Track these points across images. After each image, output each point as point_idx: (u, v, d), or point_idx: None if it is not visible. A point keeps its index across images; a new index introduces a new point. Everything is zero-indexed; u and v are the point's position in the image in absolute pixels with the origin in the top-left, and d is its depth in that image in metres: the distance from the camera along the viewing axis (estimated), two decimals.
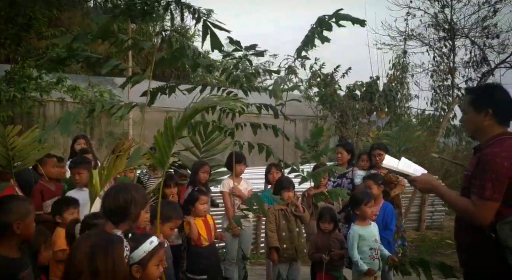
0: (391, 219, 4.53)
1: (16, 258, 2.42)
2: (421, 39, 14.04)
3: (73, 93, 10.18)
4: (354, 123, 12.39)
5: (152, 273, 2.18)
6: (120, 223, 2.41)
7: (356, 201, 4.09)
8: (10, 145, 3.54)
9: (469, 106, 2.51)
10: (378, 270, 4.04)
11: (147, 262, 2.16)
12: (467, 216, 2.40)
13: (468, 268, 2.49)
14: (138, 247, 2.17)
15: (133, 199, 2.42)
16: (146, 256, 2.16)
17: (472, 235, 2.40)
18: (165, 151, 2.75)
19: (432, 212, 9.13)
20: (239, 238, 5.09)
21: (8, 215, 2.42)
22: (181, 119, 2.73)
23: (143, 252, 2.16)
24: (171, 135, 2.71)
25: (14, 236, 2.42)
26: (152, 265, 2.18)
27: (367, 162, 5.28)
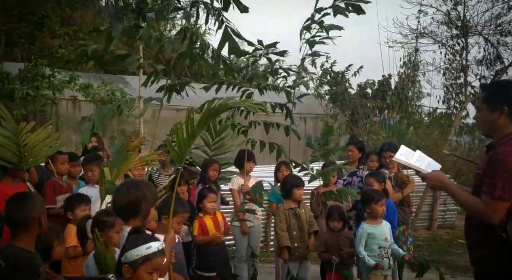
0: (394, 216, 4.53)
1: (35, 252, 2.48)
2: (433, 37, 13.90)
3: (85, 91, 10.29)
4: (365, 122, 12.31)
5: (142, 278, 2.09)
6: (131, 220, 2.43)
7: (367, 200, 4.07)
8: (23, 142, 3.59)
9: (483, 103, 2.47)
10: (388, 269, 4.01)
11: (138, 266, 2.08)
12: (477, 215, 2.38)
13: (479, 267, 2.47)
14: (134, 249, 2.10)
15: (144, 196, 2.44)
16: (138, 260, 2.08)
17: (483, 234, 2.38)
18: (185, 146, 2.74)
19: (444, 211, 9.04)
20: (248, 236, 5.11)
21: (36, 209, 2.51)
22: (202, 115, 2.71)
23: (136, 254, 2.08)
24: (191, 130, 2.70)
25: (36, 230, 2.49)
26: (143, 271, 2.08)
27: (376, 162, 5.23)
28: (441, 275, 3.40)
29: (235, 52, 3.36)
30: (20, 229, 2.49)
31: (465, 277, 5.70)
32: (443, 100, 14.03)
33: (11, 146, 3.55)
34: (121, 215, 2.49)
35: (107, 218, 2.90)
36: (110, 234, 2.87)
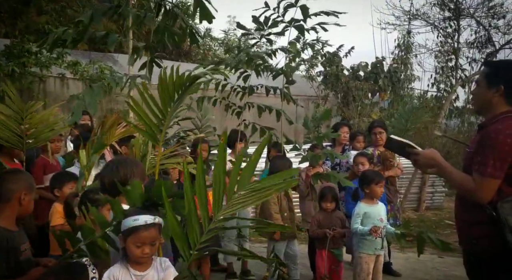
0: (383, 196, 4.57)
1: (15, 230, 2.43)
2: (425, 19, 13.82)
3: (73, 69, 10.08)
4: (357, 104, 12.31)
5: (130, 250, 2.13)
6: (120, 197, 2.40)
7: (367, 180, 4.09)
8: (26, 122, 3.50)
9: (483, 79, 2.47)
10: (381, 249, 4.05)
11: (126, 237, 2.13)
12: (468, 194, 2.38)
13: (469, 247, 2.49)
14: (125, 219, 2.14)
15: (133, 173, 2.41)
16: (127, 230, 2.12)
17: (474, 213, 2.39)
18: (154, 124, 2.65)
19: (432, 193, 9.17)
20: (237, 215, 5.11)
21: (16, 184, 2.44)
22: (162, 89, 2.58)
23: (125, 225, 2.13)
24: (157, 108, 2.61)
25: (16, 208, 2.43)
26: (130, 242, 2.12)
27: (363, 143, 5.28)
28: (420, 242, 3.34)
29: (206, 18, 3.39)
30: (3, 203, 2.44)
31: (452, 257, 5.80)
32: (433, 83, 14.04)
33: (12, 125, 3.47)
34: (110, 192, 2.45)
35: (98, 196, 2.86)
36: (103, 212, 2.83)
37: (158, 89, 2.57)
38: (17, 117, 3.47)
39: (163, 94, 2.57)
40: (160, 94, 2.58)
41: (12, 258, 2.32)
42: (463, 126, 13.07)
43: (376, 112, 12.86)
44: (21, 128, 3.49)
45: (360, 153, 4.80)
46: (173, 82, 2.51)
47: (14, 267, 2.32)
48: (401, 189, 8.73)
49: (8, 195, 2.43)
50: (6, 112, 3.44)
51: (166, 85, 2.52)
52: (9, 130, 3.48)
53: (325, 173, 4.60)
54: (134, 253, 2.13)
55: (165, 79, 2.50)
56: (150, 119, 2.63)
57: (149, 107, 2.61)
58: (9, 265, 2.31)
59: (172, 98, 2.58)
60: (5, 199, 2.43)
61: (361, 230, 3.95)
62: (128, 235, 2.11)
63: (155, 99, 2.63)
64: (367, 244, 3.99)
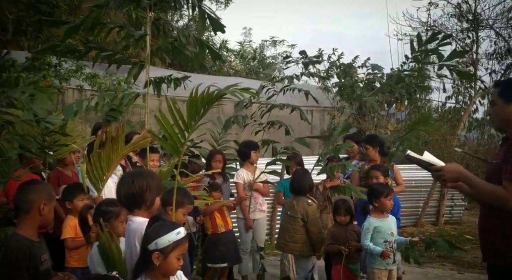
0: (398, 208, 4.56)
1: (37, 241, 2.46)
2: (443, 30, 13.70)
3: (91, 81, 10.26)
4: (373, 115, 12.21)
5: (172, 263, 2.12)
6: (135, 210, 2.40)
7: (376, 193, 4.02)
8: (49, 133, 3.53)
9: (499, 98, 2.50)
10: (393, 263, 3.97)
11: (169, 252, 2.09)
12: (499, 203, 2.34)
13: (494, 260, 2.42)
14: (164, 235, 2.10)
15: (148, 185, 2.41)
16: (169, 246, 2.09)
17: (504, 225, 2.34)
18: (177, 137, 2.68)
19: (452, 207, 8.97)
20: (253, 228, 5.07)
21: (36, 194, 2.47)
22: (190, 105, 2.63)
23: (167, 241, 2.09)
24: (182, 122, 2.64)
25: (36, 218, 2.45)
26: (173, 256, 2.11)
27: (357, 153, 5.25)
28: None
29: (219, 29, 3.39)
30: (20, 216, 2.48)
31: (472, 273, 5.65)
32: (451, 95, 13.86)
33: (37, 136, 3.50)
34: (126, 205, 2.45)
35: (112, 208, 2.87)
36: (115, 224, 2.84)
37: (187, 104, 2.63)
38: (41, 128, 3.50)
39: (191, 108, 2.63)
40: (188, 108, 2.64)
41: (32, 267, 2.35)
42: (483, 138, 12.83)
43: (392, 123, 12.72)
44: (45, 139, 3.52)
45: (374, 167, 4.73)
46: (202, 98, 2.56)
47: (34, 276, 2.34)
48: (419, 202, 8.58)
49: (28, 206, 2.45)
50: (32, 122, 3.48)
51: (196, 100, 2.57)
52: (34, 140, 3.52)
53: (341, 186, 4.55)
54: (175, 266, 2.13)
55: (196, 95, 2.55)
56: (174, 132, 2.66)
57: (174, 120, 2.63)
58: (29, 274, 2.33)
59: (198, 113, 2.63)
60: (26, 210, 2.46)
61: (373, 250, 3.89)
62: (173, 249, 2.10)
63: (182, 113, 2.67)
64: (378, 260, 3.92)
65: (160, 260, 2.09)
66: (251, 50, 19.84)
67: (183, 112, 2.72)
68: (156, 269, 2.11)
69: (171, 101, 2.66)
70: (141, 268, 2.13)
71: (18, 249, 2.33)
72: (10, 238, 2.46)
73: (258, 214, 5.11)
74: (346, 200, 4.35)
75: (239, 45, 19.81)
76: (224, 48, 18.91)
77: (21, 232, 2.43)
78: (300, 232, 4.26)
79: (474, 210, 9.17)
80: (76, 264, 3.47)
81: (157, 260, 2.09)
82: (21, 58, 9.50)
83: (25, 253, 2.33)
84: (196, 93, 2.59)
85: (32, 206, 2.44)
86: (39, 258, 2.40)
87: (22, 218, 2.46)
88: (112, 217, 2.86)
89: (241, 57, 19.45)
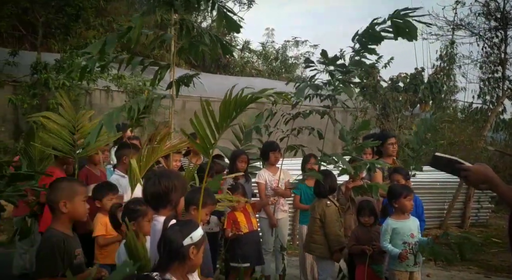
0: (422, 210, 4.48)
1: (71, 235, 2.56)
2: (470, 29, 13.41)
3: (118, 82, 10.47)
4: (397, 116, 12.04)
5: (200, 258, 2.18)
6: (161, 209, 2.46)
7: (395, 194, 3.99)
8: (77, 131, 3.63)
9: None
10: (414, 265, 3.92)
11: (201, 244, 2.18)
12: None
13: None
14: (196, 229, 2.17)
15: (174, 186, 2.45)
16: (201, 239, 2.17)
17: None
18: (208, 138, 2.73)
19: (478, 209, 8.79)
20: (276, 229, 5.10)
21: (56, 194, 2.56)
22: (224, 108, 2.68)
23: (199, 234, 2.16)
24: (214, 122, 2.69)
25: (61, 215, 2.54)
26: (202, 249, 2.19)
27: (370, 155, 5.13)
28: None
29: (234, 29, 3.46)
30: (53, 212, 2.59)
31: (500, 277, 5.53)
32: (478, 95, 13.54)
33: (65, 135, 3.61)
34: (152, 204, 2.52)
35: (139, 207, 2.94)
36: (142, 223, 2.91)
37: (220, 106, 2.68)
38: (69, 127, 3.61)
39: (224, 111, 2.68)
40: (221, 111, 2.69)
41: (67, 260, 2.45)
42: (511, 140, 12.49)
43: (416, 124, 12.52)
44: (73, 138, 3.63)
45: (395, 170, 4.67)
46: (236, 101, 2.60)
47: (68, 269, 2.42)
48: (445, 205, 8.43)
49: (51, 204, 2.57)
50: (60, 122, 3.60)
51: (229, 103, 2.62)
52: (62, 139, 3.63)
53: (366, 185, 4.49)
54: (200, 261, 2.21)
55: (230, 97, 2.60)
56: (205, 133, 2.71)
57: (206, 121, 2.68)
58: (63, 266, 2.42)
59: (230, 116, 2.68)
60: (51, 208, 2.58)
61: (391, 251, 3.86)
62: (203, 242, 2.19)
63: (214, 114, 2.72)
64: (398, 261, 3.88)
65: (194, 254, 2.14)
66: (273, 51, 19.83)
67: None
68: (187, 264, 2.15)
69: (205, 103, 2.70)
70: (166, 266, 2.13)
71: (54, 242, 2.44)
72: (47, 231, 2.57)
73: (280, 214, 5.13)
74: (370, 201, 4.32)
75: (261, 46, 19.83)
76: (247, 48, 18.97)
77: (55, 226, 2.54)
78: (318, 233, 4.26)
79: (501, 212, 8.96)
80: (105, 261, 3.56)
81: (192, 254, 2.14)
82: (51, 60, 9.81)
83: (60, 246, 2.43)
84: (230, 96, 2.62)
85: (54, 204, 2.54)
86: (73, 252, 2.51)
87: (53, 214, 2.58)
88: (139, 216, 2.92)
89: (264, 57, 19.46)
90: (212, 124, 2.70)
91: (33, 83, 9.16)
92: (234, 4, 17.21)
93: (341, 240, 4.21)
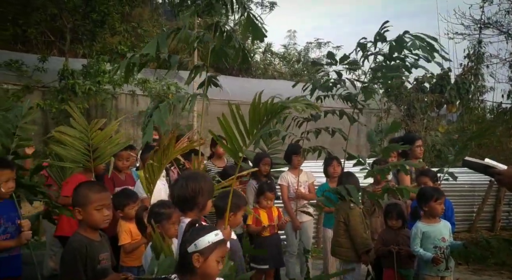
0: (452, 213, 4.40)
1: (96, 240, 2.55)
2: (498, 27, 13.05)
3: (143, 86, 10.65)
4: (422, 117, 11.82)
5: (212, 266, 2.06)
6: (188, 212, 2.47)
7: (425, 197, 3.90)
8: (91, 141, 3.68)
9: None
10: (445, 270, 3.83)
11: (209, 253, 2.05)
12: None
13: None
14: (204, 236, 2.06)
15: (201, 188, 2.46)
16: (209, 246, 2.05)
17: None
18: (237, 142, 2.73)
19: (508, 212, 8.54)
20: (300, 231, 5.07)
21: (74, 200, 2.57)
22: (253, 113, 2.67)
23: (207, 241, 2.05)
24: (244, 127, 2.70)
25: (83, 221, 2.54)
26: (213, 258, 2.06)
27: (395, 158, 5.03)
28: None
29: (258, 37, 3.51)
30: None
31: None
32: (507, 95, 13.16)
33: (79, 146, 3.67)
34: (179, 206, 2.53)
35: (164, 210, 2.96)
36: (167, 226, 2.92)
37: (249, 110, 2.69)
38: (82, 137, 3.65)
39: (254, 116, 2.69)
40: (250, 116, 2.70)
41: (90, 265, 2.46)
42: None
43: (443, 125, 12.27)
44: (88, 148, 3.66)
45: (422, 172, 4.57)
46: (266, 107, 2.62)
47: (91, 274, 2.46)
48: (474, 207, 8.22)
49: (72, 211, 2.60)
50: (71, 133, 3.64)
51: (259, 108, 2.64)
52: (76, 149, 3.67)
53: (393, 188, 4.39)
54: (215, 270, 2.07)
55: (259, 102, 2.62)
56: (235, 137, 2.71)
57: (236, 125, 2.70)
58: (86, 271, 2.45)
59: (260, 122, 2.70)
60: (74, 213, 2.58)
61: (423, 256, 3.77)
62: (213, 251, 2.05)
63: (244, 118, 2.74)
64: (429, 266, 3.79)
65: (200, 262, 2.04)
66: (295, 53, 19.80)
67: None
68: (196, 273, 2.05)
69: (235, 106, 2.71)
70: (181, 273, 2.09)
71: (75, 248, 2.46)
72: (73, 236, 2.58)
73: (304, 217, 5.10)
74: (398, 204, 4.24)
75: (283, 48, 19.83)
76: (269, 50, 19.00)
77: (81, 231, 2.55)
78: (343, 236, 4.20)
79: None
80: (132, 263, 3.60)
81: (197, 262, 2.04)
82: (78, 65, 10.06)
83: (82, 251, 2.44)
84: (259, 100, 2.62)
85: (73, 210, 2.56)
86: (97, 257, 2.51)
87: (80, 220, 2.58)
88: (164, 219, 2.94)
89: (286, 60, 19.46)
90: (241, 128, 2.70)
91: (61, 89, 9.40)
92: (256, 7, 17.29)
93: (367, 242, 4.13)
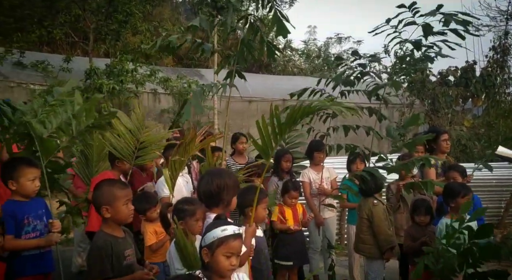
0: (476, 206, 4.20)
1: (120, 237, 2.60)
2: None
3: (164, 85, 10.78)
4: (447, 111, 11.58)
5: (219, 261, 2.07)
6: (213, 208, 2.50)
7: (452, 193, 3.81)
8: (141, 139, 3.74)
9: None
10: None
11: (215, 248, 2.07)
12: None
13: None
14: (210, 231, 2.12)
15: (226, 185, 2.49)
16: (214, 242, 2.08)
17: None
18: (271, 141, 2.75)
19: None
20: (323, 228, 5.05)
21: (97, 199, 2.60)
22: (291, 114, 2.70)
23: (212, 237, 2.09)
24: (278, 127, 2.71)
25: (109, 218, 2.58)
26: (220, 253, 2.07)
27: (422, 153, 4.91)
28: None
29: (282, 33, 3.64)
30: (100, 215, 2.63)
31: None
32: None
33: (129, 139, 3.73)
34: (205, 202, 2.55)
35: (187, 207, 2.98)
36: (190, 223, 2.92)
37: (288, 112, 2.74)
38: (135, 132, 3.71)
39: (289, 119, 2.73)
40: (287, 119, 2.74)
41: (116, 262, 2.51)
42: None
43: (468, 119, 11.99)
44: (135, 145, 3.72)
45: (452, 167, 4.47)
46: (304, 109, 2.64)
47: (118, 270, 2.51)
48: (502, 203, 8.03)
49: (97, 209, 2.62)
50: (128, 125, 3.70)
51: (298, 110, 2.67)
52: (125, 142, 3.73)
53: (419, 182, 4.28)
54: (224, 265, 2.07)
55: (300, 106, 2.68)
56: (269, 136, 2.74)
57: (271, 125, 2.72)
58: (113, 268, 2.50)
59: (295, 122, 2.73)
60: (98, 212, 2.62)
61: None
62: (218, 246, 2.08)
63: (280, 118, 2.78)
64: None
65: (208, 256, 2.09)
66: (315, 48, 19.65)
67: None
68: (209, 267, 2.11)
69: (275, 107, 2.73)
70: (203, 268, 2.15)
71: (101, 246, 2.50)
72: (97, 234, 2.62)
73: (327, 213, 5.08)
74: (425, 200, 4.16)
75: (303, 44, 19.69)
76: (289, 47, 18.92)
77: (105, 229, 2.59)
78: (367, 233, 4.14)
79: None
80: (156, 259, 3.65)
81: (206, 256, 2.09)
82: (102, 65, 10.25)
83: (107, 249, 2.49)
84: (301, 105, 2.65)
85: (98, 209, 2.59)
86: (122, 254, 2.55)
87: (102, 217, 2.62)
88: (187, 216, 2.94)
89: (306, 55, 19.33)
90: (276, 128, 2.72)
91: (86, 88, 9.61)
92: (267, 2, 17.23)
93: (391, 239, 4.07)
